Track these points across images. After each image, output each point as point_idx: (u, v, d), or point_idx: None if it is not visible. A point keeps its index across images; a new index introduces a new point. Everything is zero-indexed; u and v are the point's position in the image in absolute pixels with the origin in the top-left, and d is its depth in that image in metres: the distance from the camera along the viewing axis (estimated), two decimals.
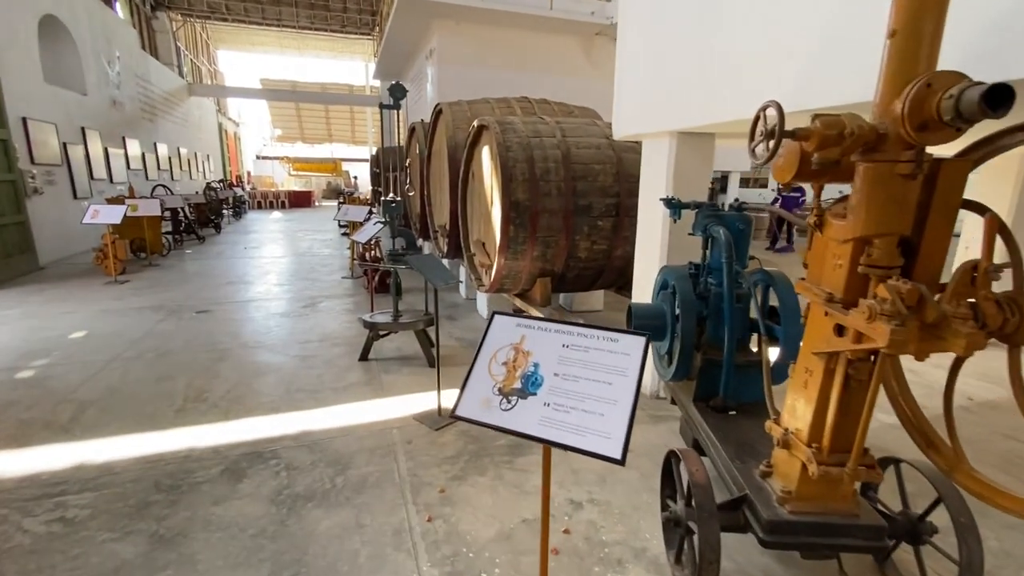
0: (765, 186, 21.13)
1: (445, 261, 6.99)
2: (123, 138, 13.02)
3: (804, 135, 1.48)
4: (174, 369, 4.10)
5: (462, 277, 6.60)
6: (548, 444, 1.27)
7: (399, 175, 6.76)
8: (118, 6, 16.10)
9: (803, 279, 1.83)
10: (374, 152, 18.33)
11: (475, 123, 4.53)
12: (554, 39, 10.75)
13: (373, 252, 6.87)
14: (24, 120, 8.40)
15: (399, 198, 4.11)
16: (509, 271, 4.08)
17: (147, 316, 5.63)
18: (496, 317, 1.58)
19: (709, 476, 1.83)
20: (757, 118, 1.59)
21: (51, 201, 8.93)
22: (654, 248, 3.43)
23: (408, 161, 4.46)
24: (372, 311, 5.53)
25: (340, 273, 8.32)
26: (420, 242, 6.69)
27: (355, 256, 8.18)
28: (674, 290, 2.60)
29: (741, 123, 2.76)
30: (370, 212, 7.93)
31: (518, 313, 1.59)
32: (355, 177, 33.26)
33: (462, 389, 1.48)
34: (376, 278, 6.71)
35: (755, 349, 2.56)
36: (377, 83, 25.85)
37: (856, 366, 1.60)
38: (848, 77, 1.96)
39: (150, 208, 8.63)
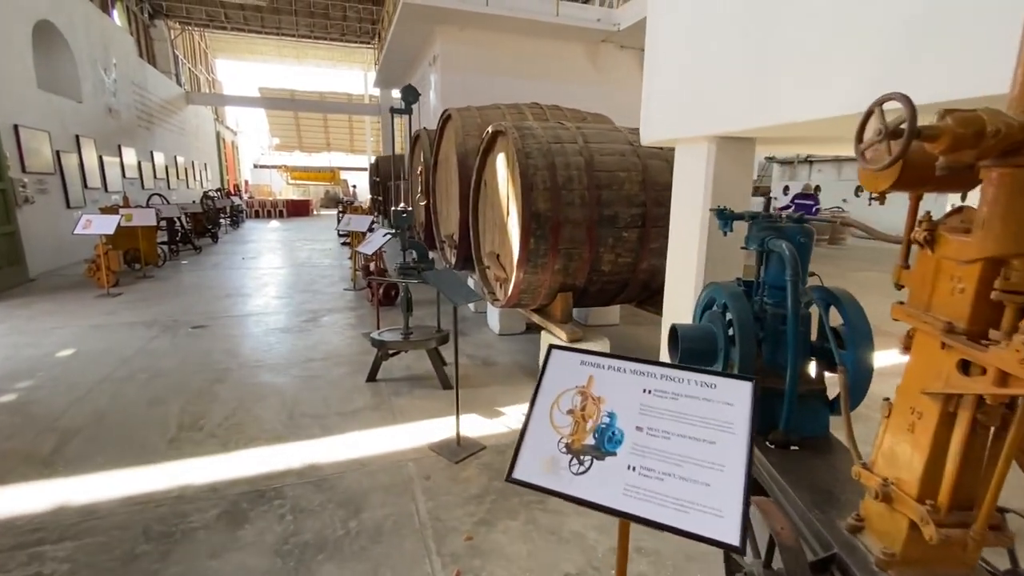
0: (766, 194, 21.04)
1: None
2: (119, 146, 12.76)
3: (932, 135, 1.23)
4: (168, 391, 3.81)
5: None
6: (639, 522, 1.00)
7: (404, 184, 6.54)
8: (116, 14, 15.92)
9: (901, 303, 1.58)
10: (374, 161, 18.11)
11: (490, 128, 4.29)
12: (559, 46, 10.59)
13: (377, 264, 6.60)
14: (16, 127, 8.14)
15: (409, 208, 3.85)
16: (528, 286, 3.82)
17: (140, 332, 5.34)
18: (555, 353, 1.31)
19: (797, 535, 1.56)
20: (870, 114, 1.34)
21: (43, 211, 8.65)
22: (689, 262, 3.17)
23: (419, 169, 4.20)
24: (379, 327, 5.26)
25: (341, 285, 8.04)
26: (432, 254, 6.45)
27: (357, 267, 7.91)
28: (724, 309, 2.34)
29: (791, 127, 2.53)
30: (373, 222, 7.68)
31: (577, 348, 1.32)
32: (354, 186, 33.11)
33: (519, 445, 1.20)
34: (381, 291, 6.43)
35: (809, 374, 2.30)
36: (376, 92, 25.73)
37: (987, 410, 1.34)
38: (956, 66, 1.70)
39: (145, 218, 8.35)
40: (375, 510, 2.41)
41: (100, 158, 11.46)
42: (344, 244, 13.10)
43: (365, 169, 34.05)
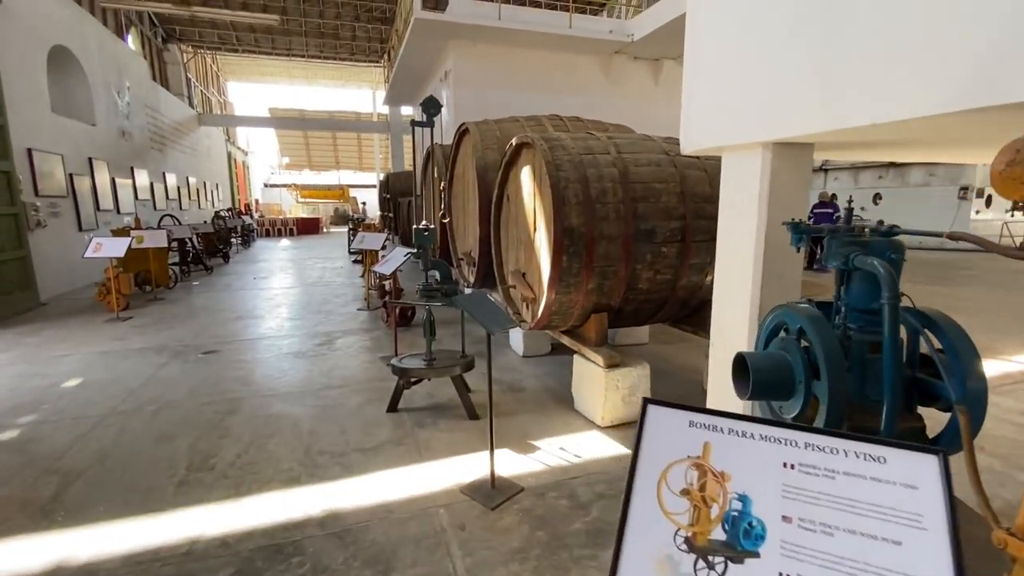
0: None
1: (468, 290, 6.50)
2: (132, 168, 12.78)
3: None
4: (176, 426, 3.57)
5: None
6: None
7: (417, 200, 6.35)
8: (130, 38, 16.13)
9: None
10: (384, 177, 18.07)
11: (514, 141, 4.07)
12: (572, 58, 10.45)
13: (394, 284, 6.37)
14: (29, 151, 8.09)
15: (431, 225, 3.62)
16: (560, 307, 3.55)
17: (149, 358, 5.13)
18: (651, 410, 1.04)
19: None
20: None
21: (55, 234, 8.57)
22: (741, 280, 2.89)
23: (442, 185, 3.98)
24: (396, 350, 5.01)
25: (355, 304, 7.83)
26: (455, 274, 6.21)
27: (371, 287, 7.70)
28: (799, 335, 2.06)
29: (866, 131, 2.27)
30: (387, 239, 7.48)
31: (682, 405, 1.05)
32: (363, 203, 33.18)
33: (620, 536, 0.93)
34: (396, 311, 6.20)
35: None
36: (385, 110, 25.87)
37: None
38: None
39: (156, 239, 8.23)
40: (407, 570, 2.13)
41: (113, 180, 11.44)
42: (356, 262, 12.95)
43: (374, 186, 34.24)
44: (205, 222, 14.23)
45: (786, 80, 2.49)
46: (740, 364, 2.22)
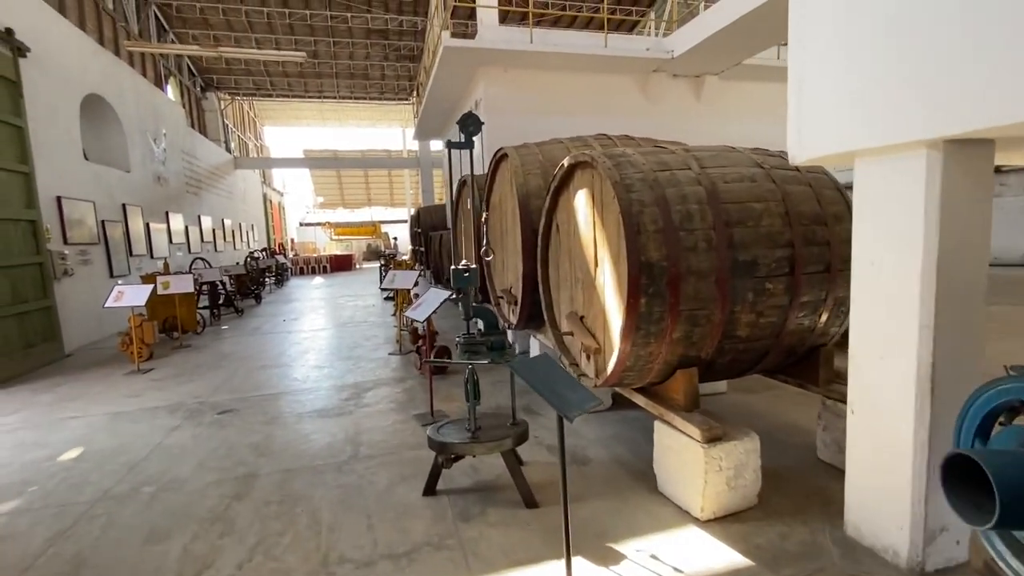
0: None
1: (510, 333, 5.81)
2: (167, 212, 12.82)
3: None
4: (173, 518, 2.95)
5: (535, 350, 5.35)
6: None
7: (450, 234, 5.83)
8: (169, 88, 16.63)
9: None
10: (415, 212, 17.85)
11: (565, 162, 3.44)
12: (607, 79, 9.94)
13: (430, 329, 5.75)
14: (59, 199, 7.99)
15: (472, 265, 2.99)
16: (636, 361, 2.82)
17: (161, 421, 4.60)
18: None
19: None
20: None
21: (84, 282, 8.38)
22: (899, 327, 2.12)
23: (484, 216, 3.36)
24: (432, 408, 4.34)
25: (386, 347, 7.25)
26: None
27: (402, 327, 7.12)
28: None
29: None
30: (419, 276, 6.94)
31: None
32: (395, 238, 33.32)
33: None
34: (432, 355, 5.55)
35: None
36: (414, 146, 26.06)
37: None
38: None
39: (182, 285, 7.91)
40: None
41: (147, 225, 11.42)
42: (387, 299, 12.51)
43: (405, 221, 34.47)
44: (237, 263, 14.14)
45: (973, 48, 1.75)
46: (961, 468, 1.43)
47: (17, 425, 4.71)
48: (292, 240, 34.98)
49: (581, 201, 3.41)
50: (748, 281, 2.73)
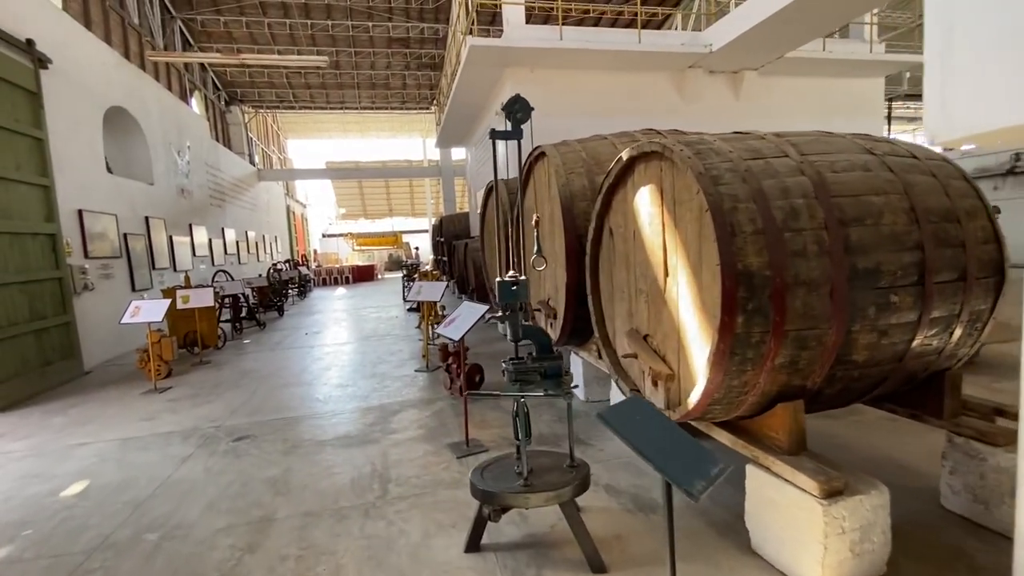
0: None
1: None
2: (190, 225, 12.72)
3: None
4: (173, 574, 2.53)
5: (578, 376, 4.84)
6: None
7: (474, 242, 5.42)
8: (194, 102, 16.72)
9: None
10: (437, 221, 17.55)
11: (625, 154, 2.95)
12: (640, 77, 9.44)
13: (461, 348, 5.29)
14: (80, 213, 7.82)
15: (521, 277, 2.51)
16: (728, 392, 2.30)
17: (173, 449, 4.23)
18: None
19: None
20: None
21: (105, 296, 8.18)
22: None
23: (535, 219, 2.87)
24: (467, 437, 3.86)
25: (411, 363, 6.82)
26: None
27: (429, 340, 6.68)
28: None
29: None
30: (446, 287, 6.51)
31: None
32: (416, 248, 33.22)
33: None
34: (462, 378, 5.10)
35: None
36: (435, 155, 25.88)
37: None
38: None
39: (202, 299, 7.64)
40: None
41: (170, 238, 11.29)
42: (411, 311, 12.14)
43: (426, 231, 34.36)
44: (260, 276, 13.98)
45: None
46: None
47: (25, 453, 4.39)
48: (315, 251, 35.17)
49: (644, 200, 2.92)
50: (869, 293, 2.19)
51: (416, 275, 14.90)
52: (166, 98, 12.19)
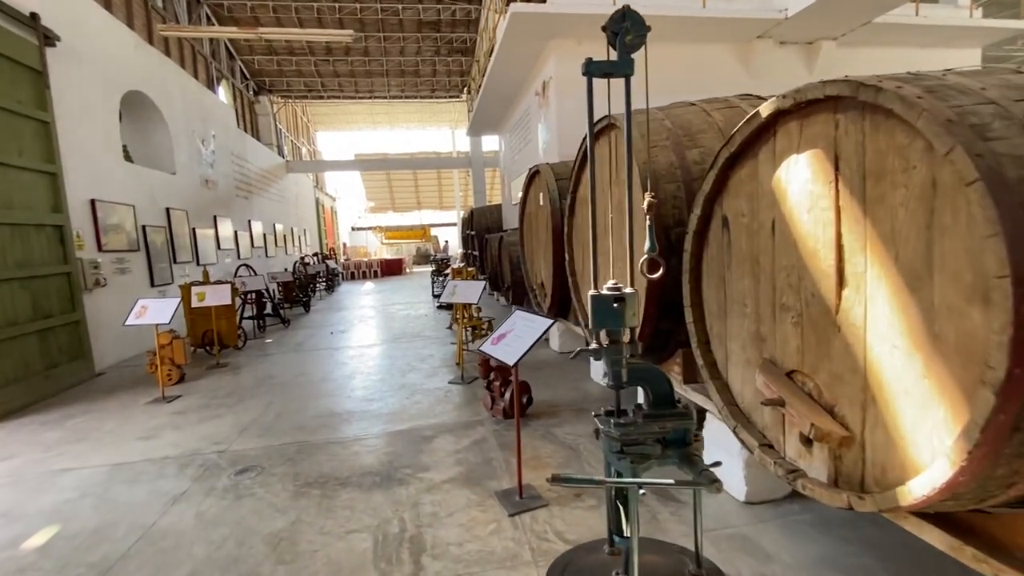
0: None
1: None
2: (215, 217, 12.25)
3: None
4: None
5: None
6: None
7: (507, 236, 4.58)
8: (221, 91, 16.31)
9: None
10: (467, 213, 16.77)
11: (768, 107, 2.03)
12: (701, 49, 8.36)
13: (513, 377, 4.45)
14: (93, 203, 7.29)
15: (629, 289, 1.63)
16: (983, 483, 1.38)
17: (165, 483, 3.53)
18: None
19: None
20: None
21: (120, 292, 7.65)
22: None
23: (645, 201, 1.95)
24: (520, 489, 3.01)
25: (443, 372, 6.04)
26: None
27: (463, 345, 5.87)
28: None
29: None
30: (484, 287, 5.67)
31: None
32: (445, 241, 32.63)
33: None
34: (507, 397, 4.26)
35: None
36: (463, 147, 25.09)
37: None
38: None
39: (219, 296, 7.01)
40: None
41: (193, 230, 10.81)
42: (441, 307, 11.40)
43: (454, 224, 33.70)
44: (285, 270, 13.47)
45: None
46: None
47: (2, 479, 3.76)
48: (344, 245, 34.98)
49: (799, 174, 1.99)
50: None
51: (447, 270, 14.18)
52: (190, 84, 11.69)
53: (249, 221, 15.06)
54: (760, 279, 2.26)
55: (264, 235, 16.37)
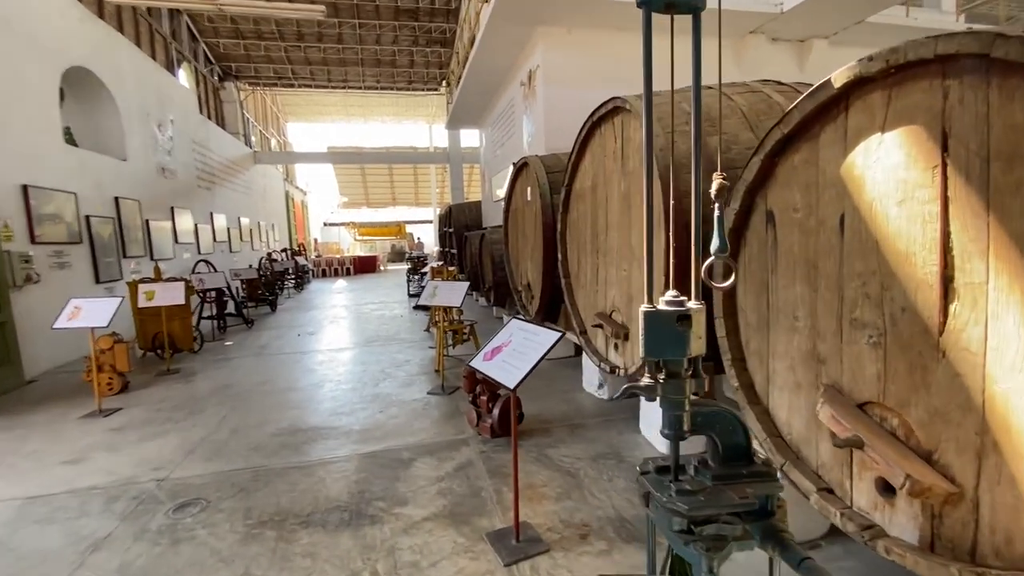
0: None
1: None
2: (172, 209, 11.38)
3: None
4: None
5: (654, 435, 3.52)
6: None
7: (485, 234, 4.12)
8: (182, 74, 15.31)
9: None
10: (445, 209, 16.20)
11: (843, 74, 1.62)
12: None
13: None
14: (25, 188, 6.49)
15: (694, 304, 1.19)
16: None
17: (88, 523, 2.94)
18: None
19: None
20: None
21: (57, 289, 6.86)
22: None
23: (717, 184, 1.52)
24: (516, 532, 2.55)
25: (421, 379, 5.54)
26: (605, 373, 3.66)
27: (443, 350, 5.37)
28: None
29: None
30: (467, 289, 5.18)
31: None
32: (418, 239, 31.89)
33: None
34: (496, 413, 3.79)
35: None
36: (441, 142, 24.46)
37: None
38: None
39: (170, 295, 6.33)
40: None
41: (146, 222, 9.96)
42: (417, 308, 10.83)
43: (430, 221, 32.92)
44: (250, 267, 12.69)
45: None
46: None
47: None
48: (315, 240, 33.85)
49: (884, 158, 1.59)
50: None
51: (423, 269, 13.58)
52: (146, 65, 10.81)
53: (211, 214, 14.16)
54: (819, 287, 1.86)
55: (228, 229, 15.45)
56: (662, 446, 3.46)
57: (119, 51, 9.56)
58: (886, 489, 1.62)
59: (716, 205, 1.28)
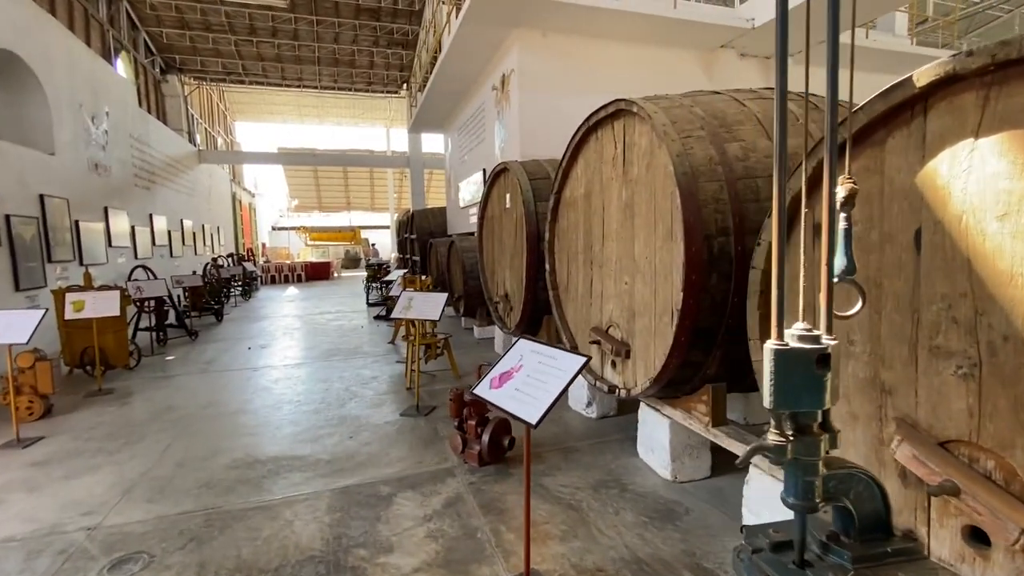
0: None
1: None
2: (105, 209, 10.37)
3: None
4: None
5: (661, 447, 3.30)
6: None
7: (457, 242, 3.83)
8: (119, 63, 14.15)
9: None
10: (408, 215, 15.69)
11: (953, 64, 1.44)
12: (665, 54, 8.06)
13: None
14: None
15: (828, 339, 0.94)
16: None
17: None
18: None
19: None
20: None
21: None
22: None
23: (847, 189, 1.30)
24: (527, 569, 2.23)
25: (392, 398, 5.13)
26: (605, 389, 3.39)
27: (413, 364, 4.98)
28: None
29: None
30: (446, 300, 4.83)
31: None
32: (373, 244, 30.97)
33: None
34: (486, 440, 3.47)
35: None
36: (399, 147, 23.89)
37: None
38: None
39: (103, 306, 5.63)
40: None
41: (76, 223, 8.99)
42: (378, 318, 10.31)
43: (387, 227, 32.04)
44: (194, 273, 11.75)
45: None
46: None
47: None
48: (263, 245, 32.25)
49: (979, 166, 1.41)
50: None
51: (384, 276, 13.00)
52: (78, 50, 9.82)
53: (151, 215, 13.07)
54: (884, 308, 1.67)
55: (169, 232, 14.33)
56: (664, 470, 3.24)
57: (49, 34, 8.63)
58: (976, 539, 1.44)
59: (844, 215, 1.04)
